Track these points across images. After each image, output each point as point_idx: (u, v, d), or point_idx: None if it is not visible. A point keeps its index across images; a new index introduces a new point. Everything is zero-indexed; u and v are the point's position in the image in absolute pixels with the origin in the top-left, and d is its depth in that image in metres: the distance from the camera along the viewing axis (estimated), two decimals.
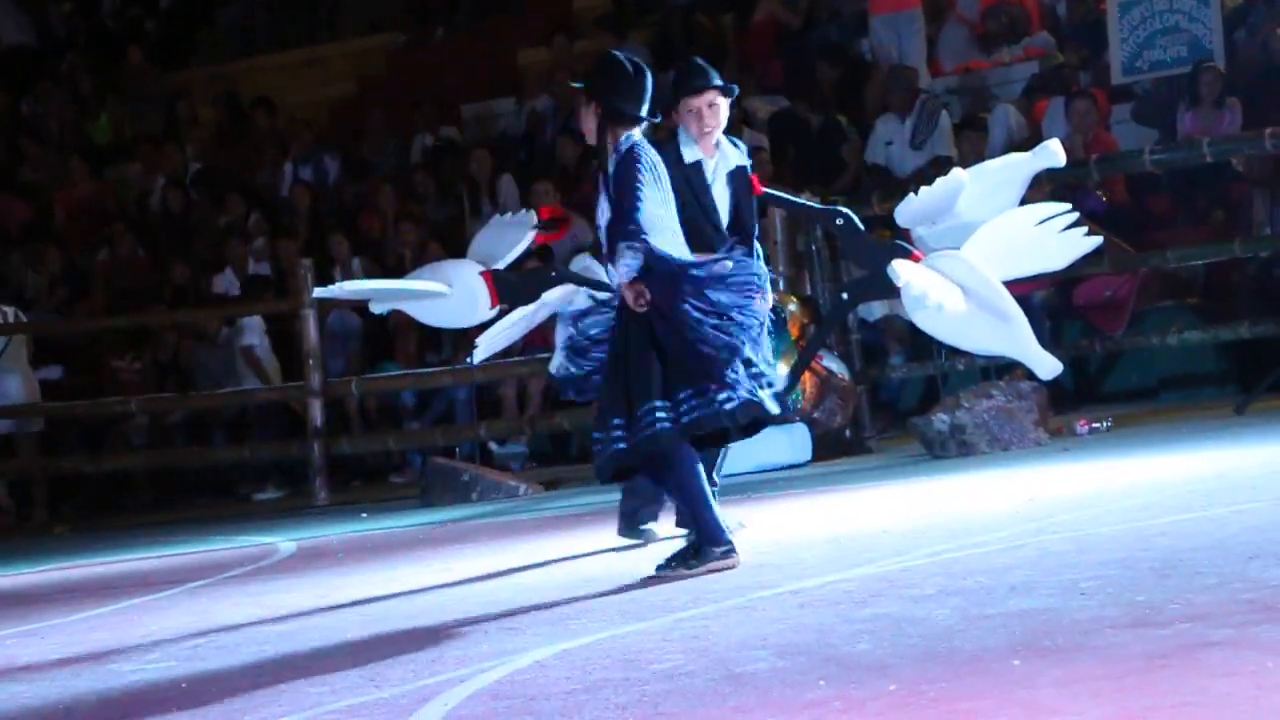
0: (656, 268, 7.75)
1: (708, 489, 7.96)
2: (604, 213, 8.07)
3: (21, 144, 21.89)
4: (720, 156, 8.75)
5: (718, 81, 8.72)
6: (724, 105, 8.71)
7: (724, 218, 8.66)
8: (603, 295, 8.27)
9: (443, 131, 19.49)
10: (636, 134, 8.00)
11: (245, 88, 21.85)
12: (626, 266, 7.79)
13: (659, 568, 7.92)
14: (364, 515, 13.33)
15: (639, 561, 8.54)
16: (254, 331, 16.75)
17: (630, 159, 7.89)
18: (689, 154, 8.71)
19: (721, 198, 8.70)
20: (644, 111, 8.00)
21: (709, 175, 8.72)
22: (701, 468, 7.91)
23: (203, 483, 17.26)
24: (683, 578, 7.75)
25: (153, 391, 17.09)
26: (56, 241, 19.77)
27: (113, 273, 19.05)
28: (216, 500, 16.82)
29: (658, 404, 7.73)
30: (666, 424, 7.72)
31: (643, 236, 7.72)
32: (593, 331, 8.31)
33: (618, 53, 8.35)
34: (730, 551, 7.88)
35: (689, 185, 8.58)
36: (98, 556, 12.51)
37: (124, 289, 18.60)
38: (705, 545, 7.87)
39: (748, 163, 8.79)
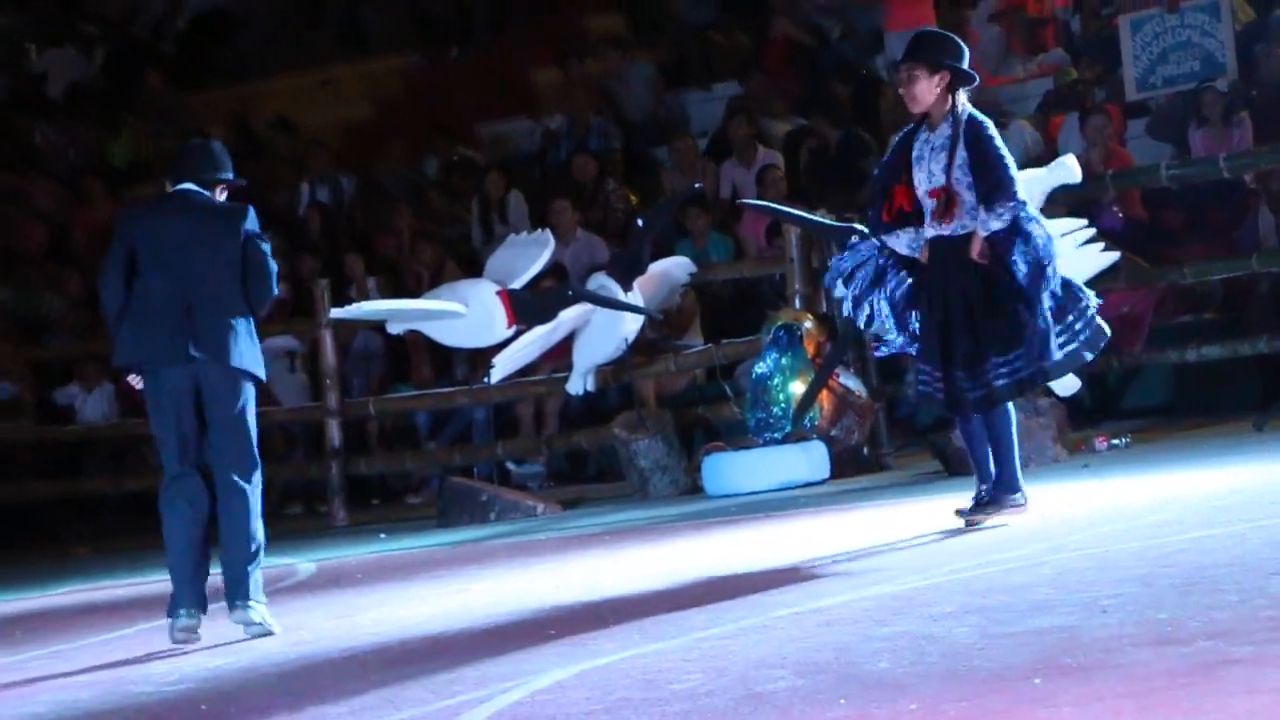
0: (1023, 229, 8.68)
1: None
2: (933, 176, 8.76)
3: (39, 166, 21.93)
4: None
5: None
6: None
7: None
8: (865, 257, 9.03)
9: (462, 152, 19.52)
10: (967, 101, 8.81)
11: (262, 109, 21.89)
12: (999, 220, 8.66)
13: (963, 514, 9.00)
14: (382, 536, 13.34)
15: (657, 580, 8.54)
16: (279, 354, 16.77)
17: (983, 126, 8.75)
18: None
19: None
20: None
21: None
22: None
23: None
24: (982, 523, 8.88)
25: None
26: (76, 264, 19.80)
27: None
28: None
29: (1001, 359, 8.75)
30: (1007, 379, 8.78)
31: (1020, 199, 8.68)
32: (899, 294, 9.00)
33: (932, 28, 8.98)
34: (1023, 500, 8.96)
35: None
36: (119, 578, 12.53)
37: None
38: (1004, 494, 8.92)
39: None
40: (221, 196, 8.66)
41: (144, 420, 16.22)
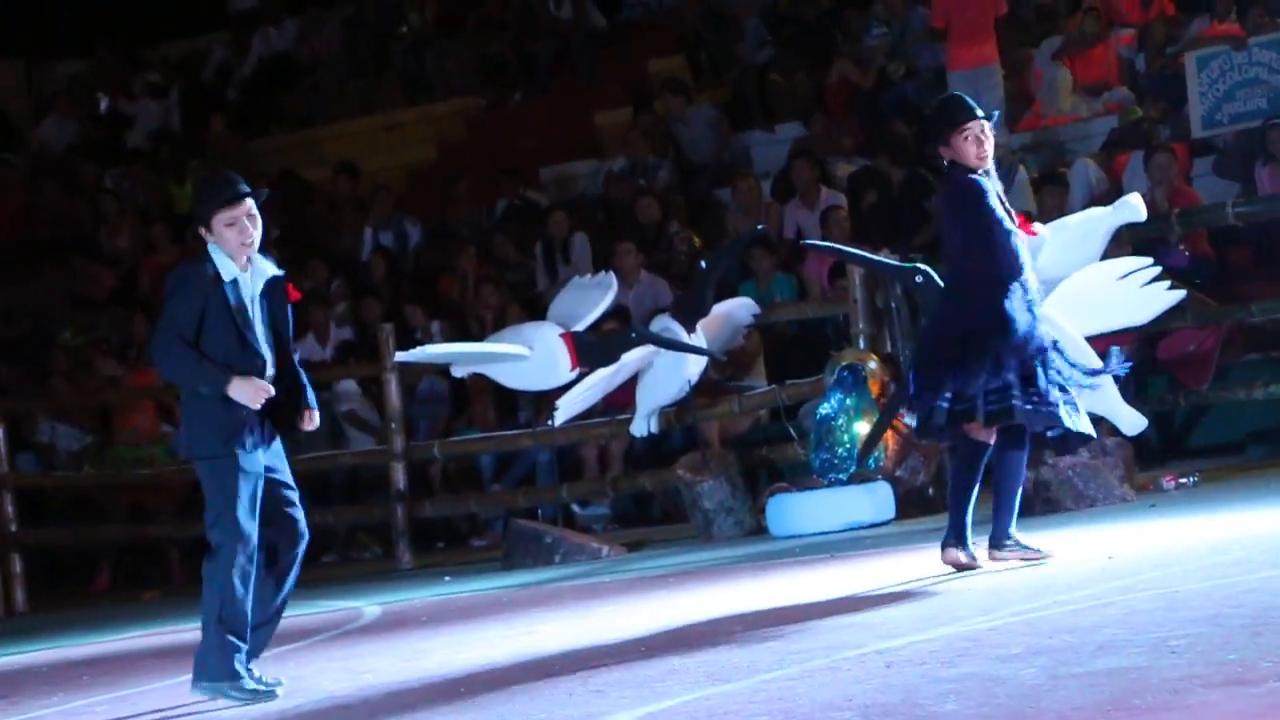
0: None
1: None
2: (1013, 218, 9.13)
3: (107, 212, 22.10)
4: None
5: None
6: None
7: None
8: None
9: (525, 194, 19.58)
10: None
11: (327, 154, 22.01)
12: None
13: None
14: (447, 579, 13.35)
15: (722, 622, 8.52)
16: (350, 398, 16.83)
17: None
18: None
19: None
20: None
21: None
22: None
23: None
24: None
25: None
26: (143, 308, 19.93)
27: None
28: (301, 565, 16.83)
29: None
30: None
31: None
32: None
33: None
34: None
35: None
36: (187, 622, 12.55)
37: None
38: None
39: None
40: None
41: None
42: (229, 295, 7.92)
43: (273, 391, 7.92)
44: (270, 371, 8.00)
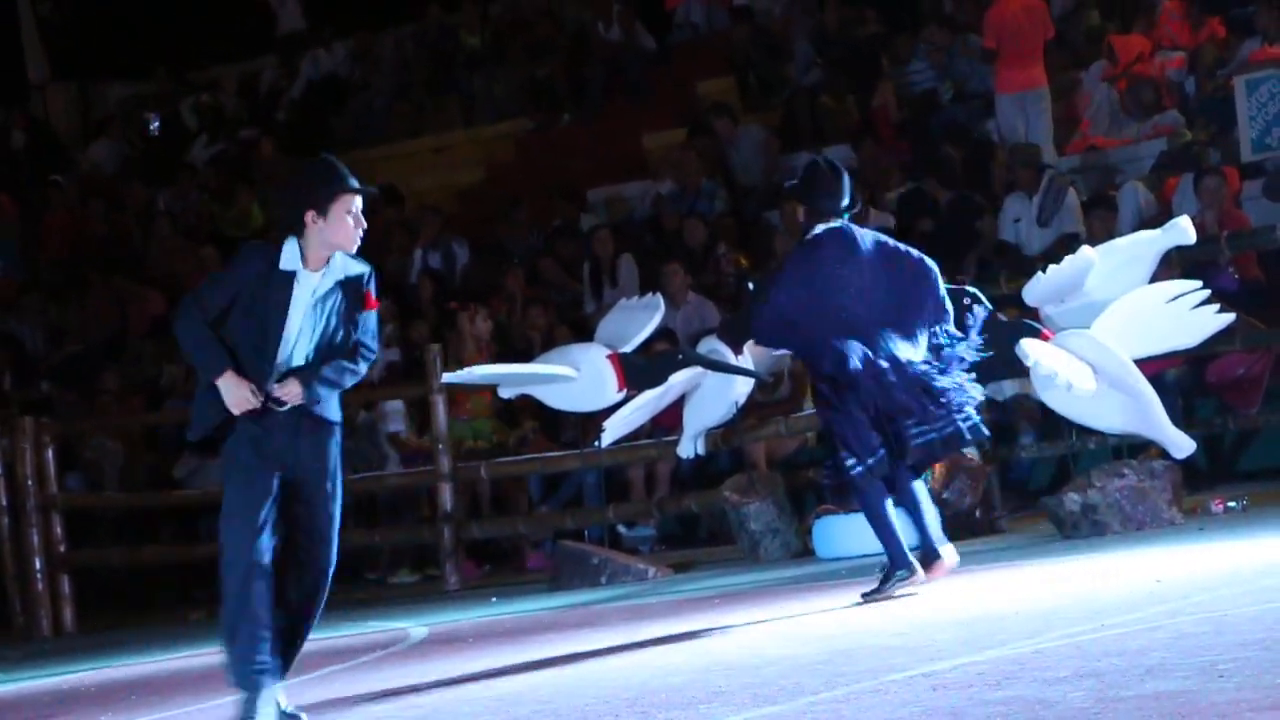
0: None
1: None
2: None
3: (157, 234, 22.21)
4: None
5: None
6: None
7: None
8: None
9: (573, 216, 19.61)
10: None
11: (374, 176, 22.08)
12: None
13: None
14: (494, 600, 13.35)
15: (769, 644, 8.51)
16: (397, 417, 16.86)
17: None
18: None
19: None
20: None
21: None
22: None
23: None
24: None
25: None
26: None
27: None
28: (347, 585, 16.90)
29: None
30: None
31: None
32: None
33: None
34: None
35: None
36: None
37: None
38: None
39: None
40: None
41: None
42: (275, 290, 7.58)
43: (256, 405, 7.53)
44: (276, 380, 7.58)
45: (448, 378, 13.84)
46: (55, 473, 16.18)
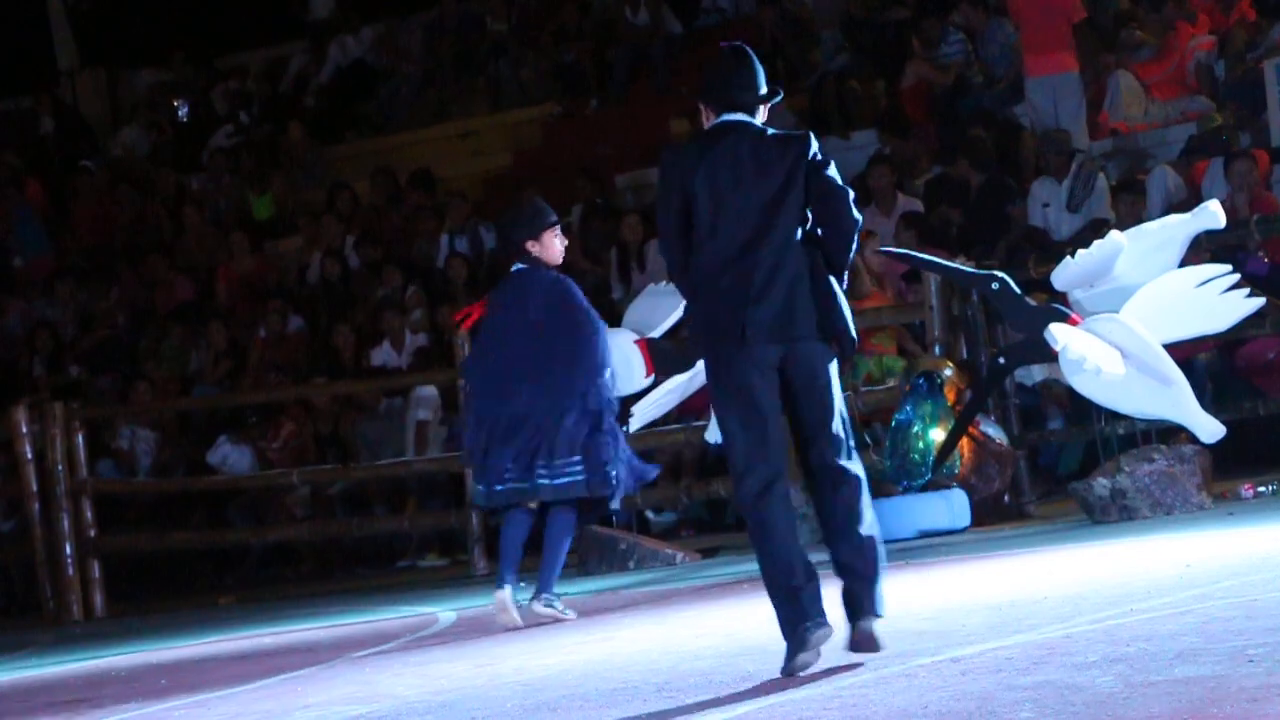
0: None
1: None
2: None
3: (187, 220, 22.25)
4: None
5: None
6: None
7: None
8: None
9: (600, 200, 19.58)
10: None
11: (402, 161, 22.10)
12: None
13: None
14: (522, 584, 13.35)
15: None
16: (428, 405, 16.87)
17: None
18: None
19: None
20: None
21: None
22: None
23: (363, 553, 17.40)
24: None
25: (313, 463, 17.24)
26: (220, 316, 20.04)
27: (272, 346, 19.28)
28: (376, 570, 16.94)
29: None
30: None
31: None
32: None
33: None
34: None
35: None
36: (262, 627, 12.63)
37: (277, 364, 18.80)
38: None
39: None
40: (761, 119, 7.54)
41: (286, 471, 16.59)
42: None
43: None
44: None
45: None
46: (85, 458, 16.22)
